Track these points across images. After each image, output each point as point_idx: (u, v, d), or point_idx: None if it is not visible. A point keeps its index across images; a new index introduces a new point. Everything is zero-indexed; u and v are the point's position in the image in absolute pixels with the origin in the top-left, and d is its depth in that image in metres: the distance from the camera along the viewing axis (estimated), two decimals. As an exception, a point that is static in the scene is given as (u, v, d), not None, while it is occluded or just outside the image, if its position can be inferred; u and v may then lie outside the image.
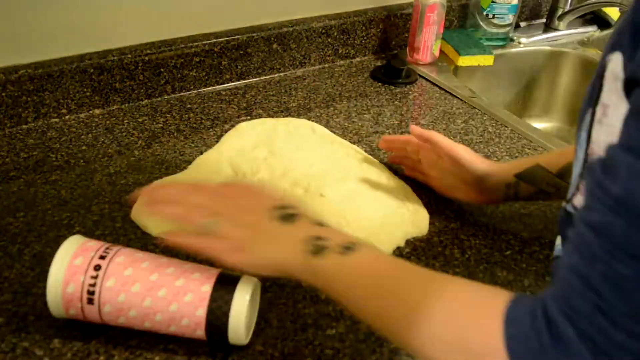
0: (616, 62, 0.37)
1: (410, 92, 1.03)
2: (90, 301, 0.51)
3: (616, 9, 1.31)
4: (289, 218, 0.50)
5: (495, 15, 1.18)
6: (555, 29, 1.30)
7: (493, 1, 1.16)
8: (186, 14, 0.95)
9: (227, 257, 0.50)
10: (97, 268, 0.51)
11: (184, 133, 0.87)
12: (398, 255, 0.67)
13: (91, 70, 0.88)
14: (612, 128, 0.37)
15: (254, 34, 1.00)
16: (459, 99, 1.01)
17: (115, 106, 0.93)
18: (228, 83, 1.02)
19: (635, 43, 0.36)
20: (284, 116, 0.93)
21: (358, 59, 1.14)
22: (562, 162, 0.63)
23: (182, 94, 0.98)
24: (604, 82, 0.38)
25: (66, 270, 0.51)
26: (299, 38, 1.05)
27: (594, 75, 0.41)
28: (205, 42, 0.96)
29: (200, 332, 0.52)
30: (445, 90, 1.04)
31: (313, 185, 0.75)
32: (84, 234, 0.56)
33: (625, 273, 0.34)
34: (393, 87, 1.04)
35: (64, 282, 0.51)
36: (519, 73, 1.25)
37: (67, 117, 0.89)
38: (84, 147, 0.83)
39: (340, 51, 1.11)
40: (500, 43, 1.21)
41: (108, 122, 0.89)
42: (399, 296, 0.44)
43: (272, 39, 1.02)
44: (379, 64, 1.12)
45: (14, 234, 0.66)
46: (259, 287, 0.56)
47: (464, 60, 1.12)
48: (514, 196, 0.68)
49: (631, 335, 0.34)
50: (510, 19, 1.19)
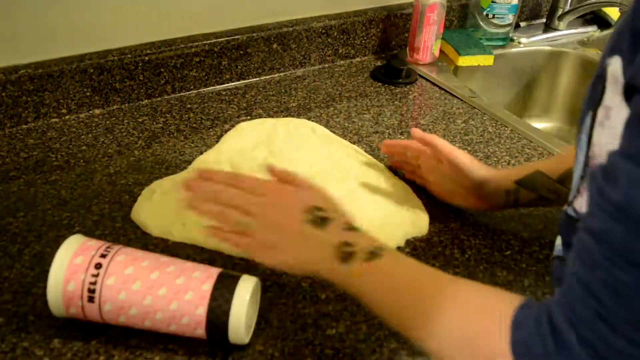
0: (616, 66, 0.37)
1: (410, 92, 1.03)
2: (90, 299, 0.51)
3: (616, 9, 1.31)
4: (321, 222, 0.52)
5: (495, 15, 1.18)
6: (555, 29, 1.30)
7: (493, 1, 1.16)
8: (186, 14, 0.95)
9: (260, 255, 0.53)
10: (98, 266, 0.51)
11: (184, 133, 0.87)
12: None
13: (91, 70, 0.88)
14: (614, 130, 0.37)
15: (254, 34, 1.00)
16: (459, 99, 1.01)
17: (115, 106, 0.93)
18: (228, 83, 1.02)
19: (634, 48, 0.36)
20: (284, 116, 0.93)
21: (358, 59, 1.14)
22: (563, 168, 0.63)
23: (182, 94, 0.98)
24: (606, 84, 0.38)
25: (67, 268, 0.51)
26: (299, 38, 1.05)
27: (593, 77, 0.41)
28: (205, 42, 0.96)
29: (200, 331, 0.52)
30: (445, 90, 1.04)
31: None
32: (84, 234, 0.56)
33: (625, 280, 0.34)
34: (393, 87, 1.04)
35: (65, 281, 0.51)
36: (519, 73, 1.25)
37: (67, 117, 0.90)
38: (84, 147, 0.83)
39: (340, 51, 1.11)
40: (500, 43, 1.21)
41: (108, 122, 0.89)
42: (415, 301, 0.46)
43: (272, 39, 1.02)
44: (379, 64, 1.12)
45: (14, 234, 0.66)
46: (259, 287, 0.56)
47: (464, 60, 1.12)
48: (514, 202, 0.67)
49: (631, 342, 0.35)
50: (510, 19, 1.19)
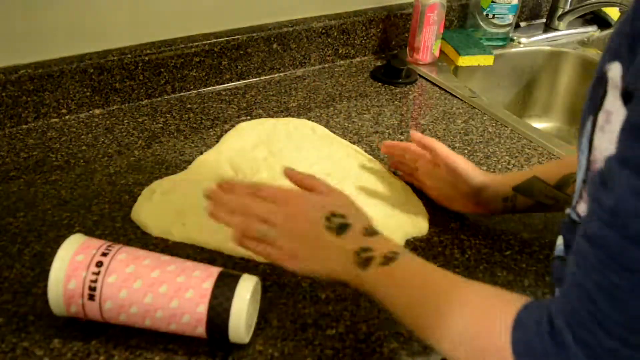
0: (615, 72, 0.37)
1: (410, 92, 1.03)
2: (91, 297, 0.51)
3: (616, 9, 1.31)
4: (341, 229, 0.53)
5: (495, 15, 1.18)
6: (555, 29, 1.30)
7: (493, 1, 1.16)
8: (186, 14, 0.95)
9: (285, 264, 0.55)
10: (99, 264, 0.51)
11: (184, 133, 0.87)
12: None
13: (91, 70, 0.88)
14: (614, 135, 0.37)
15: (254, 34, 1.00)
16: (459, 99, 1.01)
17: (115, 106, 0.93)
18: (228, 83, 1.02)
19: (631, 54, 0.36)
20: (284, 116, 0.93)
21: (358, 59, 1.14)
22: (560, 174, 0.63)
23: (182, 94, 0.98)
24: (607, 89, 0.38)
25: (68, 266, 0.51)
26: (299, 38, 1.05)
27: (593, 80, 0.41)
28: (205, 42, 0.96)
29: (200, 329, 0.52)
30: (445, 90, 1.04)
31: (313, 185, 0.75)
32: (84, 233, 0.56)
33: (619, 284, 0.35)
34: (393, 87, 1.04)
35: (66, 279, 0.51)
36: (519, 73, 1.25)
37: (67, 117, 0.90)
38: (84, 147, 0.83)
39: (340, 51, 1.11)
40: (500, 43, 1.21)
41: (108, 122, 0.89)
42: (427, 304, 0.48)
43: (272, 39, 1.02)
44: (379, 64, 1.12)
45: (14, 234, 0.66)
46: (260, 286, 0.56)
47: (464, 60, 1.12)
48: (512, 208, 0.67)
49: (626, 344, 0.35)
50: (510, 19, 1.19)
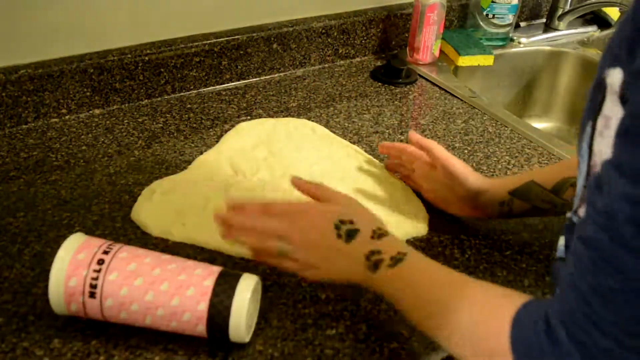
0: (614, 77, 0.37)
1: (410, 92, 1.03)
2: (92, 295, 0.51)
3: (616, 9, 1.31)
4: (350, 235, 0.55)
5: (495, 15, 1.18)
6: (555, 29, 1.30)
7: (493, 1, 1.16)
8: (186, 14, 0.95)
9: (303, 274, 0.57)
10: (100, 262, 0.52)
11: (184, 133, 0.87)
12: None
13: (91, 70, 0.88)
14: (612, 140, 0.37)
15: (254, 34, 1.00)
16: (459, 99, 1.01)
17: (115, 106, 0.93)
18: (228, 83, 1.02)
19: (630, 57, 0.36)
20: (284, 116, 0.93)
21: (358, 59, 1.14)
22: (557, 178, 0.62)
23: (182, 94, 0.98)
24: (606, 94, 0.38)
25: (69, 264, 0.51)
26: (299, 38, 1.05)
27: (592, 86, 0.41)
28: (205, 42, 0.96)
29: (201, 327, 0.52)
30: (445, 90, 1.04)
31: (313, 185, 0.75)
32: (84, 233, 0.56)
33: (612, 286, 0.35)
34: (393, 87, 1.04)
35: (67, 276, 0.51)
36: (519, 73, 1.25)
37: (67, 117, 0.90)
38: (84, 147, 0.83)
39: (340, 51, 1.11)
40: (500, 43, 1.21)
41: (108, 122, 0.89)
42: (433, 304, 0.49)
43: (272, 39, 1.02)
44: (379, 64, 1.12)
45: (14, 234, 0.66)
46: (260, 286, 0.56)
47: (464, 60, 1.12)
48: (508, 213, 0.67)
49: (622, 346, 0.36)
50: (510, 19, 1.19)
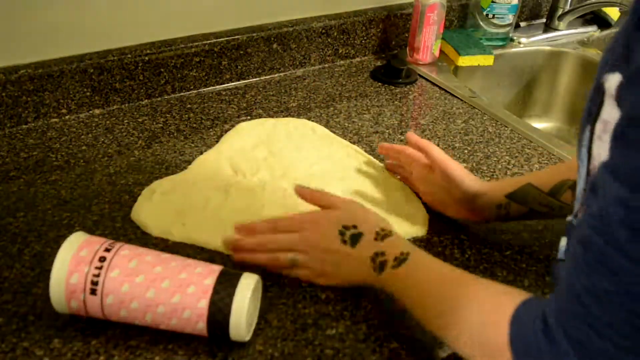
0: (612, 81, 0.37)
1: (410, 92, 1.03)
2: (93, 292, 0.51)
3: (616, 9, 1.31)
4: (354, 239, 0.58)
5: (495, 15, 1.18)
6: (555, 29, 1.30)
7: (493, 1, 1.16)
8: (186, 14, 0.95)
9: (315, 280, 0.61)
10: (102, 260, 0.52)
11: (184, 133, 0.87)
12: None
13: (91, 70, 0.88)
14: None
15: (254, 34, 1.00)
16: (459, 99, 1.01)
17: (115, 106, 0.93)
18: (228, 83, 1.02)
19: (625, 64, 0.36)
20: (284, 116, 0.93)
21: (358, 59, 1.14)
22: (554, 181, 0.62)
23: (182, 94, 0.98)
24: (604, 98, 0.38)
25: (71, 261, 0.51)
26: (299, 38, 1.05)
27: (591, 91, 0.41)
28: (205, 42, 0.96)
29: (201, 325, 0.52)
30: (445, 90, 1.04)
31: (313, 185, 0.74)
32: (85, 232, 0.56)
33: (607, 288, 0.35)
34: (393, 87, 1.04)
35: (68, 273, 0.51)
36: (519, 73, 1.25)
37: (67, 117, 0.90)
38: (84, 147, 0.83)
39: (340, 51, 1.11)
40: (500, 43, 1.21)
41: (108, 122, 0.89)
42: (438, 304, 0.50)
43: (272, 39, 1.02)
44: (379, 64, 1.12)
45: (14, 234, 0.66)
46: (261, 285, 0.57)
47: (464, 60, 1.12)
48: (505, 216, 0.66)
49: (617, 346, 0.36)
50: (510, 19, 1.19)
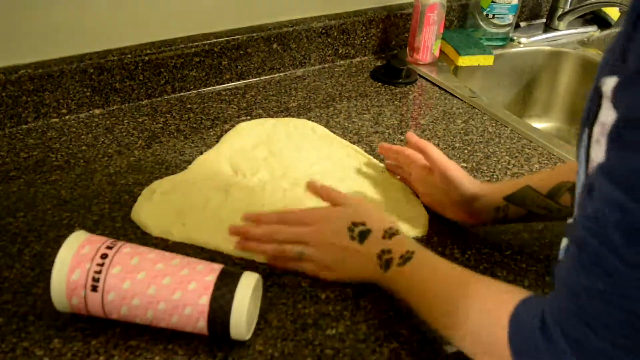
0: (609, 84, 0.37)
1: (410, 92, 1.03)
2: (94, 288, 0.51)
3: (616, 9, 1.31)
4: (362, 236, 0.59)
5: (495, 15, 1.18)
6: (555, 29, 1.30)
7: (493, 1, 1.16)
8: (186, 14, 0.95)
9: (320, 274, 0.61)
10: (104, 257, 0.52)
11: (184, 133, 0.87)
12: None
13: (91, 70, 0.88)
14: None
15: (254, 34, 1.00)
16: (459, 99, 1.01)
17: (115, 106, 0.93)
18: (228, 83, 1.02)
19: (622, 66, 0.36)
20: (284, 116, 0.93)
21: (358, 59, 1.14)
22: (553, 183, 0.62)
23: (182, 94, 0.98)
24: (602, 102, 0.38)
25: (73, 257, 0.51)
26: (299, 38, 1.05)
27: (590, 94, 0.41)
28: (205, 42, 0.96)
29: (202, 323, 0.52)
30: (445, 90, 1.04)
31: (313, 185, 0.75)
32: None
33: (602, 288, 0.36)
34: (393, 87, 1.04)
35: (70, 270, 0.51)
36: (519, 73, 1.25)
37: (67, 117, 0.90)
38: (84, 147, 0.83)
39: (340, 51, 1.11)
40: (500, 43, 1.21)
41: (108, 122, 0.89)
42: (442, 303, 0.51)
43: (272, 39, 1.02)
44: (379, 64, 1.12)
45: (14, 234, 0.66)
46: (261, 284, 0.57)
47: (464, 60, 1.12)
48: (503, 218, 0.66)
49: (615, 346, 0.36)
50: (510, 19, 1.19)
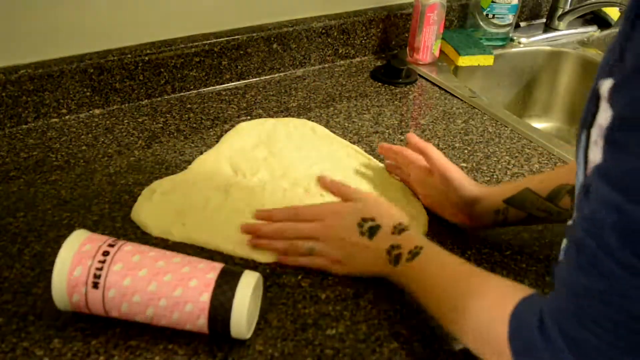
0: (606, 86, 0.37)
1: (410, 92, 1.03)
2: (95, 285, 0.51)
3: (616, 9, 1.31)
4: (372, 231, 0.60)
5: (495, 15, 1.18)
6: (555, 29, 1.30)
7: (493, 1, 1.16)
8: (186, 14, 0.95)
9: (332, 269, 0.62)
10: (106, 254, 0.52)
11: (184, 133, 0.87)
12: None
13: (91, 70, 0.88)
14: None
15: (254, 34, 1.00)
16: (459, 99, 1.01)
17: (115, 106, 0.93)
18: (228, 83, 1.02)
19: (619, 68, 0.36)
20: (284, 116, 0.93)
21: (358, 59, 1.14)
22: (552, 185, 0.62)
23: (182, 94, 0.98)
24: (600, 104, 0.38)
25: (75, 255, 0.52)
26: (299, 38, 1.05)
27: (588, 96, 0.41)
28: (205, 42, 0.96)
29: (202, 320, 0.52)
30: (445, 90, 1.04)
31: (313, 185, 0.75)
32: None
33: (600, 289, 0.36)
34: (393, 87, 1.04)
35: (71, 267, 0.51)
36: (519, 73, 1.25)
37: (67, 117, 0.90)
38: (84, 147, 0.83)
39: (340, 51, 1.11)
40: (500, 43, 1.21)
41: (108, 122, 0.89)
42: (448, 298, 0.52)
43: (272, 39, 1.02)
44: (379, 64, 1.12)
45: (14, 234, 0.66)
46: (262, 283, 0.57)
47: (464, 60, 1.12)
48: (503, 221, 0.66)
49: (612, 345, 0.36)
50: (510, 19, 1.19)
